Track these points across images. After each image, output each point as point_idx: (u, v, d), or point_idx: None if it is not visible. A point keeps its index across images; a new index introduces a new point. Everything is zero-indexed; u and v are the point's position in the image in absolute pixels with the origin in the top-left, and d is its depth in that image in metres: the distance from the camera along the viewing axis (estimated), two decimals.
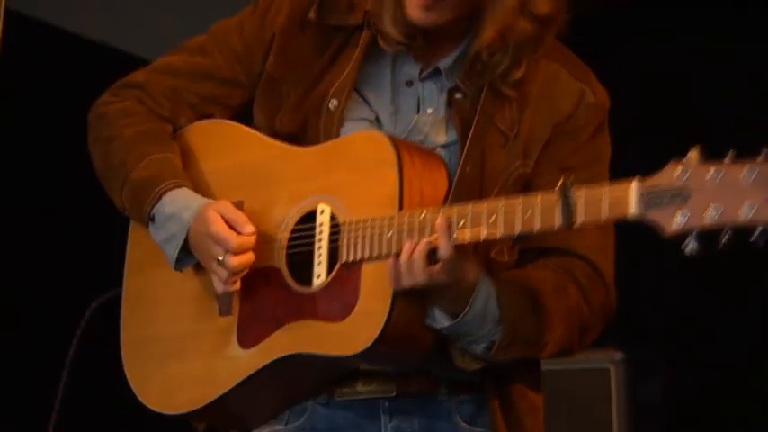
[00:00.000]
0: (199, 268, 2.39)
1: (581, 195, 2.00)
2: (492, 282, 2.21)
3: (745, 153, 1.87)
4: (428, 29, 2.34)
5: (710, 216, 1.86)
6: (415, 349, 2.26)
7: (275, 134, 2.40)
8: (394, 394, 2.33)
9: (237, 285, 2.32)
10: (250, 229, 2.29)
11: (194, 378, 2.38)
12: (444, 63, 2.37)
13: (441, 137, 2.34)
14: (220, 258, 2.27)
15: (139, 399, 2.43)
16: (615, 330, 4.87)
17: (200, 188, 2.40)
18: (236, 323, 2.34)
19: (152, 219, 2.37)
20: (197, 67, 2.49)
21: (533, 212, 2.05)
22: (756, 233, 1.82)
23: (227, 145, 2.46)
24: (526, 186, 2.25)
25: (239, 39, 2.47)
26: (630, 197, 1.94)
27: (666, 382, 4.96)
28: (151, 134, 2.43)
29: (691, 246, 1.88)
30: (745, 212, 1.83)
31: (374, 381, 2.33)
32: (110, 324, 2.55)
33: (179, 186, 2.37)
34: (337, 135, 2.34)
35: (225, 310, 2.36)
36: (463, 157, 2.26)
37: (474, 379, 2.32)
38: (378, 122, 2.37)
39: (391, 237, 2.18)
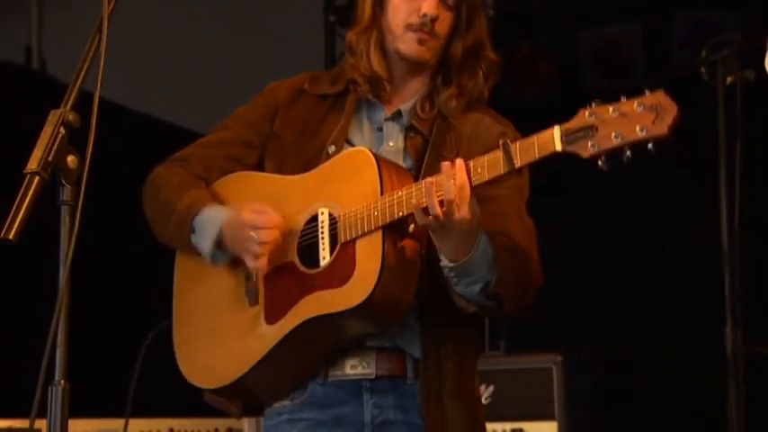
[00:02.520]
0: (228, 274, 2.53)
1: (516, 146, 2.18)
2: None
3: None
4: (413, 62, 2.52)
5: (614, 140, 2.11)
6: (401, 302, 2.36)
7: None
8: (374, 377, 2.45)
9: (265, 261, 2.41)
10: (272, 210, 2.42)
11: (233, 356, 2.48)
12: (405, 106, 2.56)
13: (400, 163, 2.48)
14: (253, 234, 2.39)
15: (192, 383, 2.55)
16: (556, 337, 5.47)
17: None
18: (263, 308, 2.46)
19: (193, 230, 2.50)
20: (222, 138, 2.66)
21: (488, 166, 2.21)
22: (650, 146, 2.10)
23: (249, 185, 2.59)
24: None
25: (252, 112, 2.66)
26: (555, 138, 2.14)
27: (596, 378, 5.24)
28: (189, 182, 2.59)
29: (602, 164, 2.13)
30: (638, 132, 2.09)
31: (359, 365, 2.45)
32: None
33: (212, 205, 2.52)
34: None
35: (253, 301, 2.49)
36: (420, 177, 2.36)
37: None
38: None
39: (377, 214, 2.32)
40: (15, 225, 1.76)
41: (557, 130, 2.16)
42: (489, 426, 5.02)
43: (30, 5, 7.20)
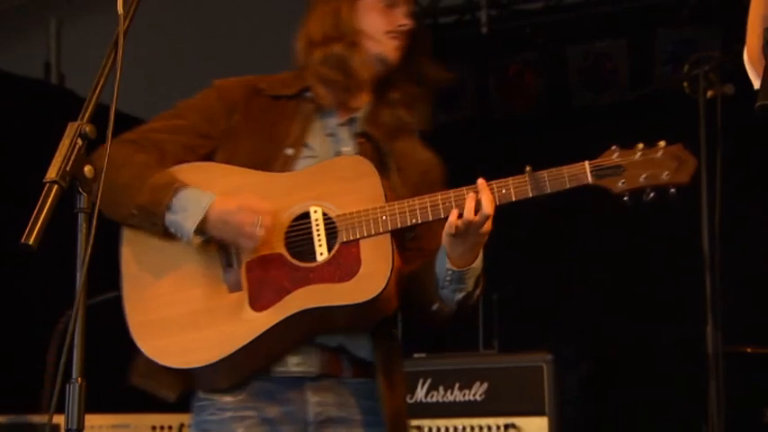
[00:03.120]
0: (197, 259, 2.44)
1: (544, 174, 2.35)
2: None
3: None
4: (388, 65, 2.59)
5: (641, 180, 2.34)
6: (391, 305, 2.44)
7: None
8: (316, 374, 2.46)
9: (258, 252, 2.40)
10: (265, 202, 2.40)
11: (215, 339, 2.38)
12: (358, 114, 2.62)
13: None
14: (257, 219, 2.36)
15: (158, 362, 2.40)
16: (546, 337, 5.49)
17: None
18: (247, 295, 2.40)
19: (168, 208, 2.40)
20: (174, 125, 2.57)
21: (513, 188, 2.35)
22: (672, 190, 2.33)
23: (218, 176, 2.51)
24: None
25: (208, 106, 2.59)
26: (587, 172, 2.34)
27: (584, 375, 5.33)
28: (153, 163, 2.50)
29: (627, 200, 2.35)
30: (663, 177, 2.33)
31: (303, 364, 2.45)
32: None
33: (192, 186, 2.44)
34: (291, 171, 2.50)
35: (234, 288, 2.42)
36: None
37: (367, 365, 2.49)
38: (316, 159, 2.53)
39: (386, 219, 2.37)
40: (35, 232, 1.76)
41: (588, 165, 2.34)
42: (484, 420, 5.09)
43: (49, 23, 7.22)
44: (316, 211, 2.43)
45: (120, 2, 1.93)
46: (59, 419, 1.81)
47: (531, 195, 2.34)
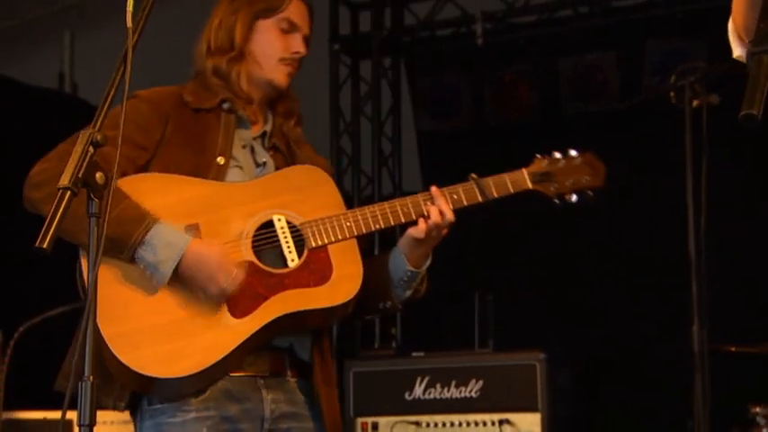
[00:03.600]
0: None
1: (489, 181, 2.49)
2: None
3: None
4: (278, 91, 2.59)
5: (568, 185, 2.54)
6: (353, 304, 2.45)
7: None
8: (268, 374, 2.46)
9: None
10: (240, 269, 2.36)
11: (200, 347, 2.33)
12: (267, 128, 2.61)
13: None
14: (226, 280, 2.32)
15: (141, 373, 2.29)
16: (539, 337, 5.51)
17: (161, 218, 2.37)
18: (226, 304, 2.36)
19: (141, 243, 2.31)
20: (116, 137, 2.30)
21: (464, 194, 2.48)
22: (590, 192, 2.53)
23: (166, 186, 2.43)
24: None
25: (140, 117, 2.47)
26: (527, 178, 2.53)
27: (576, 373, 5.28)
28: None
29: (558, 202, 2.54)
30: (584, 181, 2.53)
31: (254, 364, 2.43)
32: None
33: (164, 222, 2.35)
34: (223, 180, 2.46)
35: None
36: None
37: (305, 365, 2.50)
38: (242, 169, 2.51)
39: (350, 225, 2.43)
40: (49, 236, 1.76)
41: (525, 173, 2.53)
42: (479, 416, 5.11)
43: (62, 36, 7.24)
44: (280, 219, 2.43)
45: (129, 17, 1.92)
46: (72, 416, 1.83)
47: (480, 200, 2.48)
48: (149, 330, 2.33)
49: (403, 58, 6.82)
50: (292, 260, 2.40)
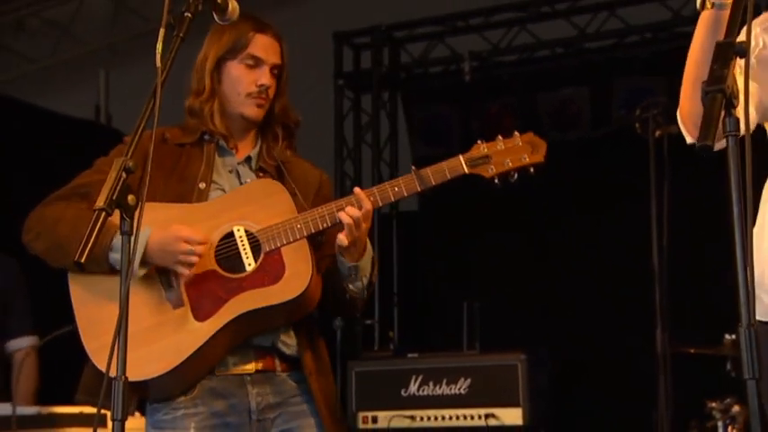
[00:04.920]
0: (140, 286, 2.34)
1: (428, 171, 2.39)
2: None
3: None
4: (252, 122, 2.52)
5: (506, 165, 2.40)
6: (315, 298, 2.42)
7: None
8: (254, 371, 2.41)
9: (193, 271, 2.34)
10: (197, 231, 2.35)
11: (165, 350, 2.31)
12: (252, 153, 2.55)
13: None
14: (191, 248, 2.30)
15: None
16: (521, 339, 5.50)
17: None
18: (189, 309, 2.34)
19: (111, 249, 2.30)
20: (99, 180, 2.20)
21: (404, 185, 2.38)
22: (531, 169, 2.40)
23: (149, 212, 2.23)
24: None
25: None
26: (462, 163, 2.40)
27: (553, 373, 5.24)
28: (84, 213, 2.35)
29: (498, 182, 2.39)
30: (523, 159, 2.40)
31: (240, 363, 2.40)
32: None
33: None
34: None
35: (177, 304, 2.35)
36: None
37: (295, 360, 2.45)
38: (224, 191, 2.47)
39: (300, 227, 2.36)
40: (87, 251, 1.79)
41: (462, 159, 2.41)
42: (467, 411, 5.09)
43: (98, 71, 7.28)
44: (239, 230, 2.39)
45: (159, 57, 1.93)
46: (106, 411, 1.84)
47: (419, 189, 2.38)
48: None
49: (400, 92, 6.86)
50: (249, 264, 2.36)
